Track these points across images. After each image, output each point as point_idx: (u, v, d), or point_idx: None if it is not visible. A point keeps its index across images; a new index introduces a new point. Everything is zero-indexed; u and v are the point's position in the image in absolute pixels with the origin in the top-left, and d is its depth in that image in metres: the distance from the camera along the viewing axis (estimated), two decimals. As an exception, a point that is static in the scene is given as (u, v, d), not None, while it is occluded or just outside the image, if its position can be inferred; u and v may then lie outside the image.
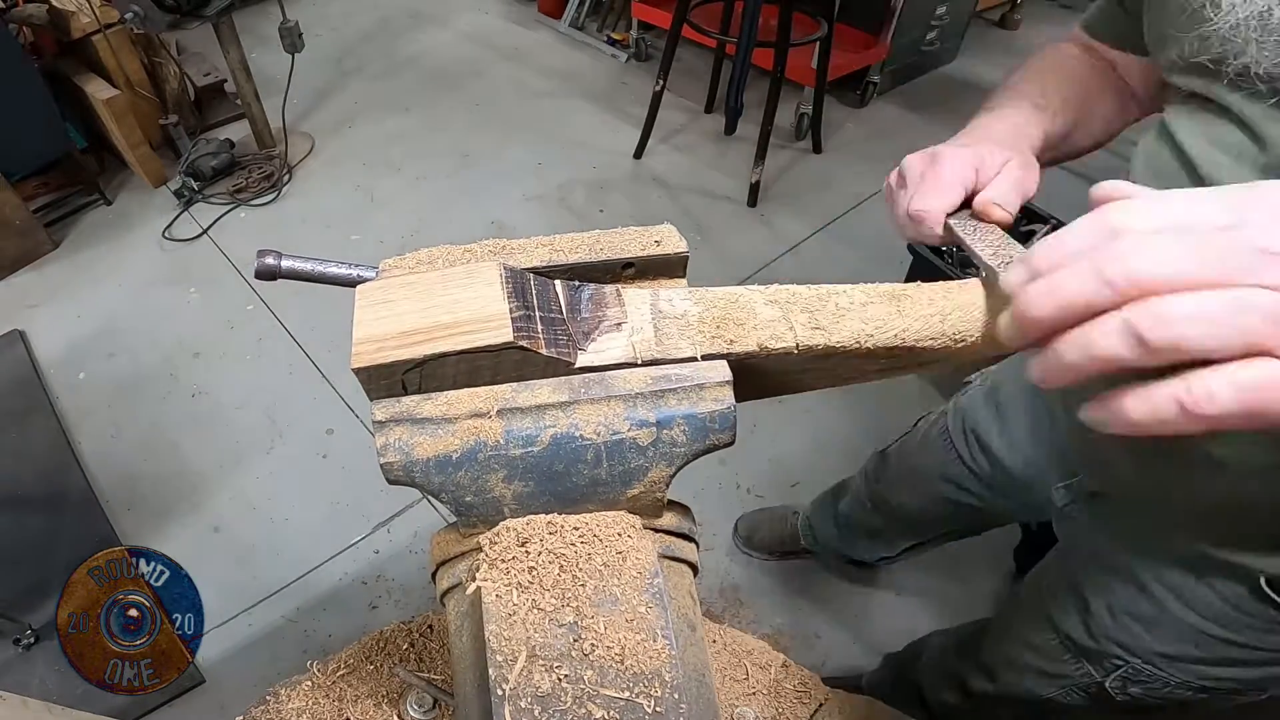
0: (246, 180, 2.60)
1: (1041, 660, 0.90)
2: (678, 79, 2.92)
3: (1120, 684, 0.81)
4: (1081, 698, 0.87)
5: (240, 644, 1.57)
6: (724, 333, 0.44)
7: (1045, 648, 0.89)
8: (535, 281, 0.44)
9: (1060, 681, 0.88)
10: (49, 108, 2.28)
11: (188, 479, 1.85)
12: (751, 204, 2.55)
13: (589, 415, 0.42)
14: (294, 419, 1.97)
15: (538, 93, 3.09)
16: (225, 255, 2.41)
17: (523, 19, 3.57)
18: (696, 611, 0.47)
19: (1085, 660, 0.83)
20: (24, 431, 1.93)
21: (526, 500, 0.43)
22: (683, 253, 0.50)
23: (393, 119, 2.94)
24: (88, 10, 2.30)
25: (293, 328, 2.19)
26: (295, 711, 0.78)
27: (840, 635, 1.59)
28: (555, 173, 2.69)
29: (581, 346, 0.44)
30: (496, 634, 0.40)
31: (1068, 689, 0.87)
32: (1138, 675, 0.79)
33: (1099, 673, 0.82)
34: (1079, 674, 0.85)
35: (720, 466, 1.83)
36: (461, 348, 0.40)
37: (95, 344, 2.16)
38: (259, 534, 1.74)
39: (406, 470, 0.41)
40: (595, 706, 0.39)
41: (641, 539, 0.45)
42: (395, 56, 3.32)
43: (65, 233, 2.49)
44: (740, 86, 2.31)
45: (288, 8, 2.44)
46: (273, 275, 0.48)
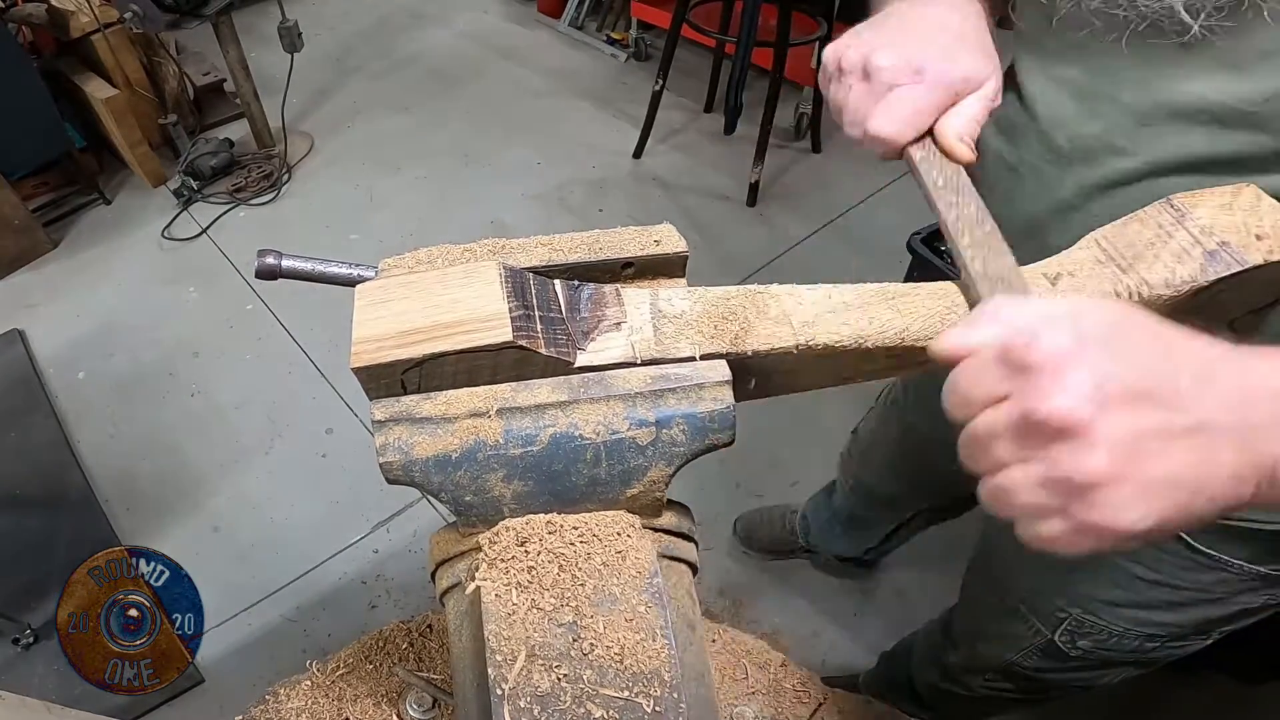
0: (246, 180, 2.60)
1: (996, 623, 0.92)
2: (677, 79, 2.91)
3: (1069, 638, 0.82)
4: (1039, 658, 0.88)
5: (240, 643, 1.57)
6: (723, 332, 0.44)
7: (996, 610, 0.91)
8: (535, 281, 0.44)
9: (1017, 643, 0.89)
10: (48, 107, 2.27)
11: (187, 478, 1.84)
12: (751, 204, 2.55)
13: (588, 415, 0.42)
14: (293, 419, 1.97)
15: (537, 92, 3.09)
16: (224, 255, 2.40)
17: (522, 19, 3.56)
18: (696, 611, 0.47)
19: (1033, 617, 0.84)
20: (23, 431, 1.93)
21: (526, 500, 0.43)
22: (682, 252, 0.50)
23: (392, 119, 2.94)
24: (87, 10, 2.29)
25: (292, 327, 2.19)
26: (295, 711, 0.78)
27: (839, 635, 1.59)
28: (555, 172, 2.69)
29: (581, 346, 0.44)
30: (496, 633, 0.40)
31: (1026, 651, 0.88)
32: (1081, 627, 0.79)
33: (1047, 628, 0.83)
34: (1030, 633, 0.86)
35: (720, 466, 1.83)
36: (461, 347, 0.40)
37: (94, 343, 2.15)
38: (258, 533, 1.74)
39: (406, 469, 0.41)
40: (594, 706, 0.39)
41: (641, 538, 0.45)
42: (395, 56, 3.31)
43: (64, 232, 2.49)
44: (740, 86, 2.31)
45: (287, 7, 2.44)
46: (273, 275, 0.48)
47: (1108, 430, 0.32)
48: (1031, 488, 0.34)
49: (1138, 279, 0.46)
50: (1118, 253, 0.47)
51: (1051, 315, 0.35)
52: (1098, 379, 0.32)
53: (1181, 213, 0.47)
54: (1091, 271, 0.47)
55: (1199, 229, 0.46)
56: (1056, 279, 0.47)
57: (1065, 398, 0.32)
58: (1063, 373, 0.32)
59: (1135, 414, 0.32)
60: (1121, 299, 0.46)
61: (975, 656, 1.00)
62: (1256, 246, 0.45)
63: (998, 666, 0.95)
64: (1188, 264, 0.45)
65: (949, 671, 1.08)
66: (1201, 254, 0.45)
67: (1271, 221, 0.45)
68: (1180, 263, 0.45)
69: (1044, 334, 0.33)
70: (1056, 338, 0.33)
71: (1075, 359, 0.33)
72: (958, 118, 0.53)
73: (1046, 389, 0.32)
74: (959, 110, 0.54)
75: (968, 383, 0.36)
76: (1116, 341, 0.34)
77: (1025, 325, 0.34)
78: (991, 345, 0.35)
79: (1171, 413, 0.32)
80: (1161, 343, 0.35)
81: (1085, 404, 0.32)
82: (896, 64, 0.53)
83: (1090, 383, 0.32)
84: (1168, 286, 0.45)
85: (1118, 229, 0.49)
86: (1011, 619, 0.87)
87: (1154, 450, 0.32)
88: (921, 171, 0.52)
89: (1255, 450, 0.33)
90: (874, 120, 0.53)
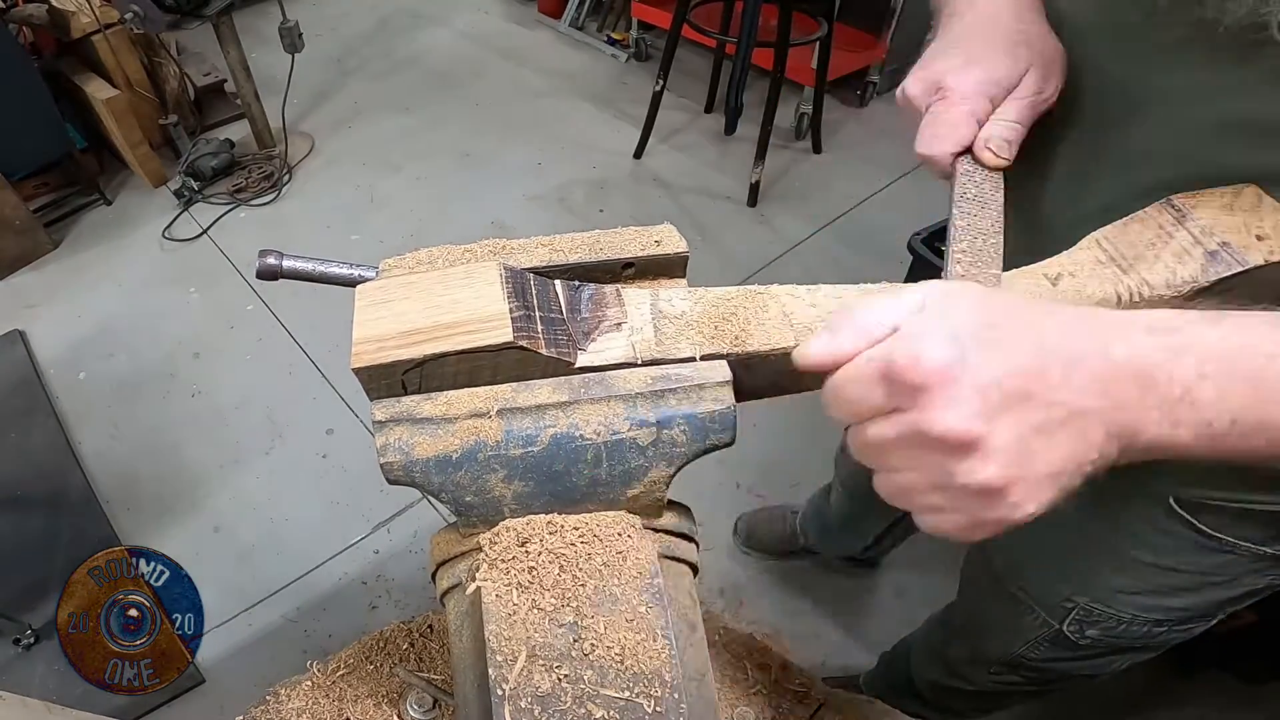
0: (246, 180, 2.60)
1: (1000, 616, 0.91)
2: (678, 79, 2.91)
3: (1077, 627, 0.81)
4: (1047, 648, 0.87)
5: (240, 644, 1.57)
6: (724, 333, 0.44)
7: (999, 603, 0.90)
8: (535, 281, 0.44)
9: (1023, 635, 0.89)
10: (49, 108, 2.27)
11: (187, 479, 1.85)
12: (751, 204, 2.55)
13: (589, 415, 0.42)
14: (294, 419, 1.97)
15: (538, 92, 3.09)
16: (225, 255, 2.41)
17: (523, 19, 3.57)
18: (696, 611, 0.47)
19: (1039, 609, 0.84)
20: (24, 432, 1.93)
21: (526, 500, 0.43)
22: (683, 253, 0.50)
23: (392, 119, 2.94)
24: (87, 10, 2.29)
25: (293, 328, 2.19)
26: (295, 711, 0.78)
27: (840, 635, 1.59)
28: (555, 173, 2.69)
29: (581, 346, 0.44)
30: (496, 634, 0.40)
31: (1033, 642, 0.88)
32: (1089, 616, 0.79)
33: (1054, 619, 0.83)
34: (1037, 624, 0.85)
35: (720, 466, 1.83)
36: (461, 347, 0.40)
37: (95, 344, 2.15)
38: (259, 534, 1.74)
39: (406, 470, 0.41)
40: (595, 706, 0.39)
41: (641, 539, 0.45)
42: (395, 56, 3.31)
43: (65, 233, 2.49)
44: (740, 86, 2.31)
45: (288, 8, 2.44)
46: (274, 275, 0.48)
47: (997, 440, 0.34)
48: (928, 491, 0.37)
49: (1138, 279, 0.46)
50: (1118, 253, 0.47)
51: (923, 326, 0.35)
52: (983, 391, 0.34)
53: (1182, 213, 0.47)
54: (1092, 272, 0.47)
55: (1200, 229, 0.46)
56: (1057, 279, 0.47)
57: (955, 417, 0.34)
58: (949, 390, 0.34)
59: (1019, 417, 0.34)
60: (1123, 302, 0.46)
61: (979, 649, 1.00)
62: (1257, 247, 0.45)
63: (1004, 659, 0.95)
64: (1188, 264, 0.45)
65: (952, 666, 1.07)
66: (1202, 254, 0.45)
67: (1272, 222, 0.45)
68: (1181, 263, 0.45)
69: (924, 351, 0.34)
70: (937, 352, 0.34)
71: (959, 374, 0.34)
72: (993, 124, 0.54)
73: (937, 408, 0.34)
74: (996, 115, 0.54)
75: (852, 394, 0.37)
76: (991, 340, 0.35)
77: (903, 345, 0.35)
78: (873, 360, 0.36)
79: (1050, 408, 0.35)
80: (1033, 333, 0.36)
81: (974, 420, 0.34)
82: (922, 86, 0.55)
83: (977, 399, 0.34)
84: (1168, 287, 0.45)
85: (1118, 229, 0.49)
86: (1016, 611, 0.87)
87: (1039, 448, 0.35)
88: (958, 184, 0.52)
89: (1120, 424, 0.36)
90: (917, 144, 0.55)
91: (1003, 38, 0.55)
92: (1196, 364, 0.35)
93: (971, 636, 1.01)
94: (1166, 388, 0.35)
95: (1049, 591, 0.82)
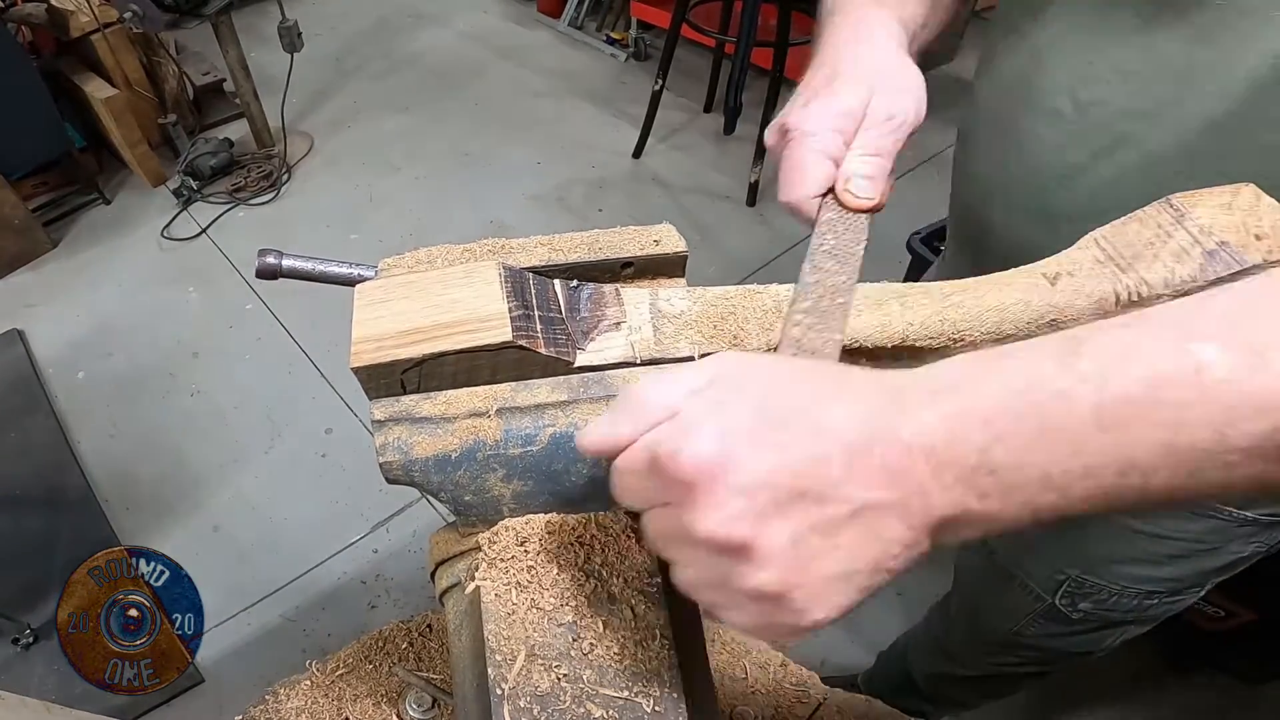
0: (245, 179, 2.60)
1: (995, 595, 0.92)
2: (677, 78, 2.91)
3: (1069, 600, 0.82)
4: (1041, 623, 0.88)
5: (239, 643, 1.57)
6: (723, 332, 0.44)
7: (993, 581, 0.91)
8: (534, 281, 0.44)
9: (1017, 612, 0.89)
10: (48, 107, 2.27)
11: (187, 478, 1.84)
12: (751, 203, 2.55)
13: (588, 415, 0.42)
14: (293, 418, 1.97)
15: (537, 92, 3.08)
16: (224, 254, 2.40)
17: (522, 18, 3.56)
18: (696, 611, 0.47)
19: (1031, 582, 0.84)
20: (23, 431, 1.92)
21: (525, 499, 0.43)
22: (682, 252, 0.50)
23: (392, 118, 2.94)
24: (86, 9, 2.29)
25: (292, 327, 2.19)
26: (294, 711, 0.78)
27: (839, 634, 1.59)
28: (554, 172, 2.69)
29: (580, 346, 0.44)
30: (496, 633, 0.40)
31: (1028, 619, 0.89)
32: (1081, 588, 0.80)
33: (1046, 593, 0.83)
34: (1030, 599, 0.86)
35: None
36: (460, 347, 0.40)
37: (94, 343, 2.15)
38: (258, 533, 1.74)
39: (405, 469, 0.41)
40: (594, 706, 0.39)
41: (641, 538, 0.45)
42: (395, 56, 3.31)
43: (64, 232, 2.48)
44: (739, 86, 2.31)
45: (287, 7, 2.44)
46: (274, 274, 0.48)
47: (768, 543, 0.31)
48: (713, 589, 0.34)
49: (1137, 278, 0.46)
50: (1117, 252, 0.47)
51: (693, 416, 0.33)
52: (748, 492, 0.31)
53: (1181, 212, 0.47)
54: (1091, 271, 0.47)
55: (1198, 228, 0.46)
56: (1056, 279, 0.47)
57: (717, 520, 0.31)
58: (712, 490, 0.31)
59: (794, 519, 0.31)
60: (1122, 301, 0.46)
61: (976, 632, 1.00)
62: (1256, 246, 0.45)
63: (1000, 639, 0.95)
64: (1187, 264, 0.45)
65: (950, 653, 1.08)
66: (1201, 254, 0.45)
67: (1271, 221, 0.45)
68: (1180, 262, 0.45)
69: (687, 445, 0.32)
70: (699, 447, 0.31)
71: (721, 472, 0.31)
72: (849, 160, 0.50)
73: (699, 509, 0.31)
74: (852, 149, 0.51)
75: (629, 484, 0.35)
76: (764, 434, 0.32)
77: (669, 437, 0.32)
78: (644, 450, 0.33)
79: (829, 505, 0.31)
80: (809, 419, 0.32)
81: (739, 524, 0.31)
82: (773, 134, 0.53)
83: (742, 500, 0.31)
84: (1167, 286, 0.45)
85: (1117, 228, 0.49)
86: (1010, 588, 0.88)
87: (820, 549, 0.31)
88: (816, 234, 0.49)
89: (919, 512, 0.31)
90: (780, 194, 0.51)
91: (845, 68, 0.53)
92: (983, 425, 0.31)
93: (968, 620, 1.02)
94: (963, 460, 0.31)
95: (1040, 564, 0.83)
